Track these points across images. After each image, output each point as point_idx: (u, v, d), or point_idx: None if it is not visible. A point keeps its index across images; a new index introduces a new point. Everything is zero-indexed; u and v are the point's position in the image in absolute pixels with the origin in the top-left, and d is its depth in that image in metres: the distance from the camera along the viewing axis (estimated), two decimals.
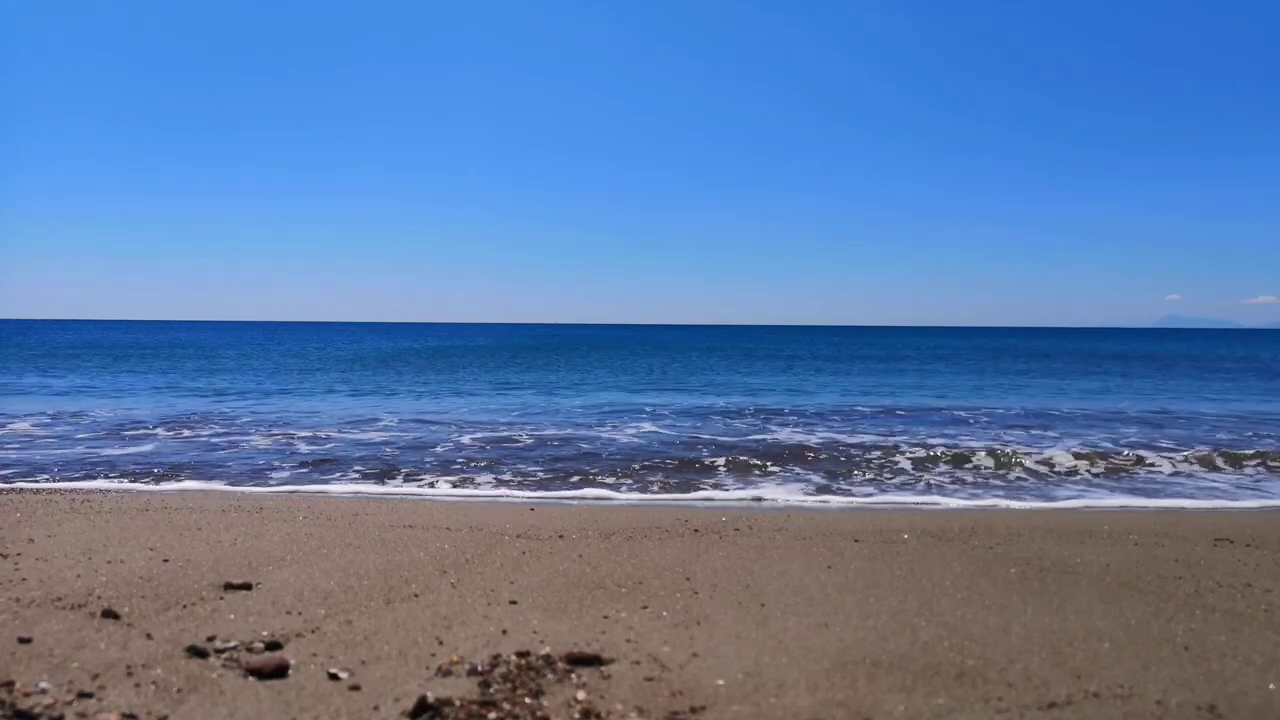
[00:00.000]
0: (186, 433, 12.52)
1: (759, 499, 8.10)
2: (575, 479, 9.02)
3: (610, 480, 9.01)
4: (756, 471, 9.67)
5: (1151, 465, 10.31)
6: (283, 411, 15.86)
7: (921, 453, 10.82)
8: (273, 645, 3.11)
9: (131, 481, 8.61)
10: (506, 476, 9.11)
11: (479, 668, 2.91)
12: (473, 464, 9.91)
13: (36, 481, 8.48)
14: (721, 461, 10.20)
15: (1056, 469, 10.03)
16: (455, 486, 8.57)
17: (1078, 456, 10.66)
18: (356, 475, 9.22)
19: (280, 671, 2.83)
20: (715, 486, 8.76)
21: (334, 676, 2.82)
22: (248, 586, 3.93)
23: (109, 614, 3.40)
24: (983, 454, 10.74)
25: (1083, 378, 27.96)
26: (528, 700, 2.63)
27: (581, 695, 2.70)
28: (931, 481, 9.21)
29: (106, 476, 8.87)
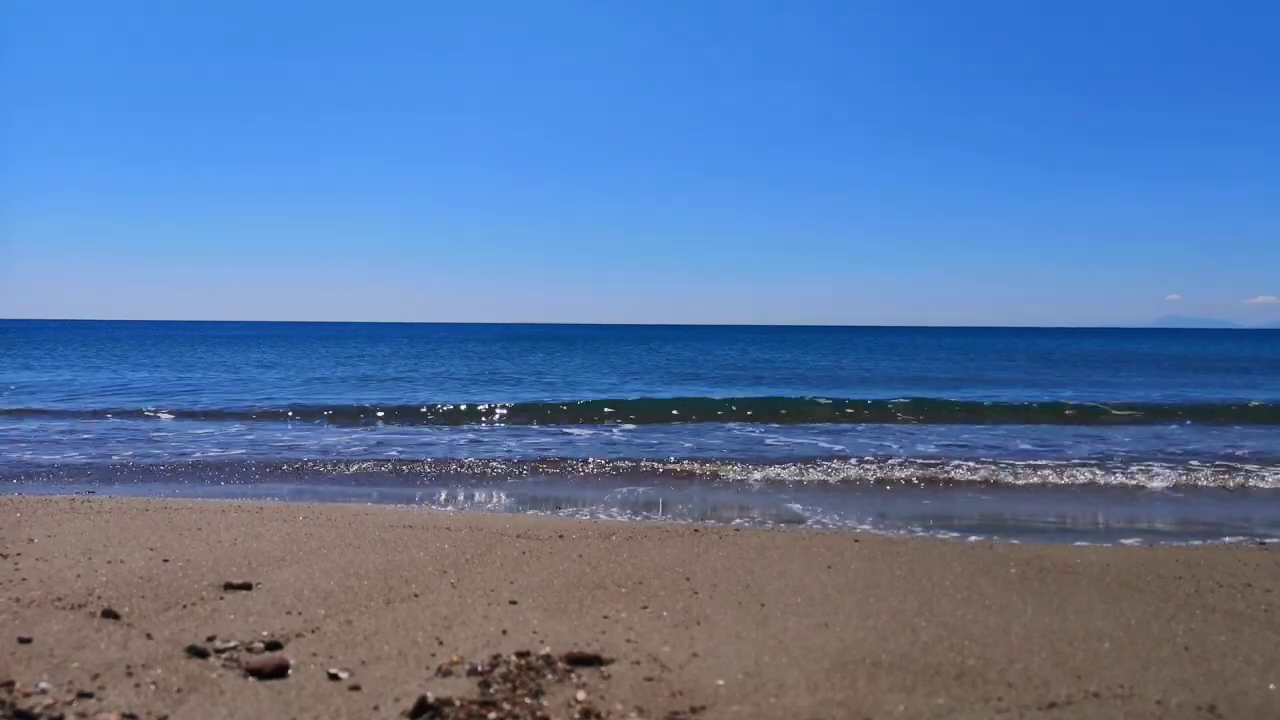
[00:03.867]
0: None
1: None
2: None
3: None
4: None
5: None
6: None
7: None
8: (273, 645, 3.11)
9: None
10: None
11: (479, 668, 2.91)
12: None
13: None
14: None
15: None
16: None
17: None
18: None
19: (280, 671, 2.83)
20: None
21: (334, 676, 2.82)
22: (248, 586, 3.93)
23: (109, 614, 3.39)
24: None
25: None
26: (528, 700, 2.63)
27: (581, 695, 2.70)
28: None
29: None
